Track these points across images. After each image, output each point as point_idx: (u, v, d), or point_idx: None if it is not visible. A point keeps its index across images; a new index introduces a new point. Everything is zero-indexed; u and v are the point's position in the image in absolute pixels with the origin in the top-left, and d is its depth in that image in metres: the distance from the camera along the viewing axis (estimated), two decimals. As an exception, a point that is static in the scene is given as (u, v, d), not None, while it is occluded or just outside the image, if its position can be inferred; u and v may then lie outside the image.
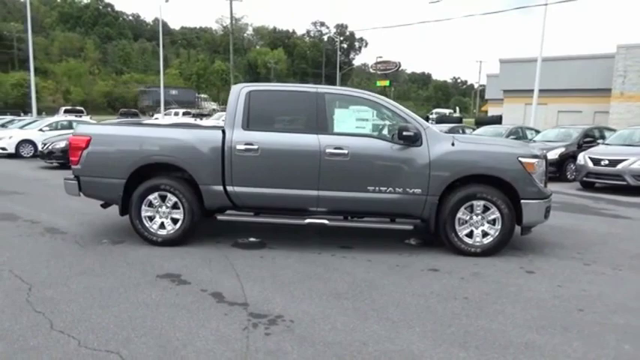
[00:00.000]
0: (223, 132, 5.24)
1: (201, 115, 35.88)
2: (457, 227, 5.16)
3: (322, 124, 5.21)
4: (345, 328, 3.39)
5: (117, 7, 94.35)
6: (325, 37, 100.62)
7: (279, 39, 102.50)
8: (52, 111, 36.47)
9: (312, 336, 3.25)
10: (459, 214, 5.14)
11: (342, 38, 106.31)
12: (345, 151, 5.09)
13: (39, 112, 32.38)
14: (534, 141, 13.31)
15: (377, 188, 5.12)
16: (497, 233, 5.14)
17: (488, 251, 5.15)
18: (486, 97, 38.11)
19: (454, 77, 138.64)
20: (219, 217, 5.42)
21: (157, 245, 5.30)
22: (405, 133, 4.99)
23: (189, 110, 39.76)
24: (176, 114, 36.83)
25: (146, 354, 2.97)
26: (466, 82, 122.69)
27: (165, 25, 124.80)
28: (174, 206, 5.32)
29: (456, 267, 4.80)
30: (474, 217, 5.17)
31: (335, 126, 5.28)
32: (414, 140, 5.08)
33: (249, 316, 3.54)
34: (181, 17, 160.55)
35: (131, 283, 4.19)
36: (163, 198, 5.31)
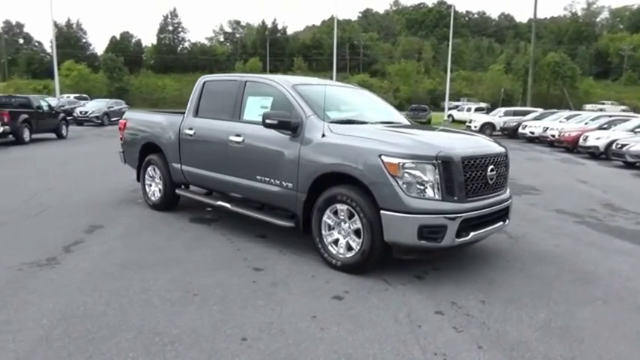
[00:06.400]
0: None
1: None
2: (323, 232, 4.44)
3: (237, 112, 5.37)
4: (63, 282, 3.95)
5: (458, 8, 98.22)
6: None
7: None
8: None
9: (43, 276, 3.99)
10: (325, 218, 4.41)
11: None
12: (241, 139, 5.14)
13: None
14: None
15: (263, 178, 4.95)
16: (359, 247, 4.16)
17: (350, 267, 4.23)
18: None
19: None
20: (177, 192, 6.32)
21: (151, 209, 6.65)
22: (267, 121, 4.62)
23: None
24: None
25: (-47, 260, 4.43)
26: None
27: (511, 19, 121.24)
28: (160, 178, 6.53)
29: (285, 273, 4.26)
30: (343, 224, 4.32)
31: (245, 114, 5.31)
32: (291, 129, 4.65)
33: (46, 259, 4.48)
34: (529, 9, 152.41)
35: (71, 228, 5.61)
36: (154, 171, 6.60)
